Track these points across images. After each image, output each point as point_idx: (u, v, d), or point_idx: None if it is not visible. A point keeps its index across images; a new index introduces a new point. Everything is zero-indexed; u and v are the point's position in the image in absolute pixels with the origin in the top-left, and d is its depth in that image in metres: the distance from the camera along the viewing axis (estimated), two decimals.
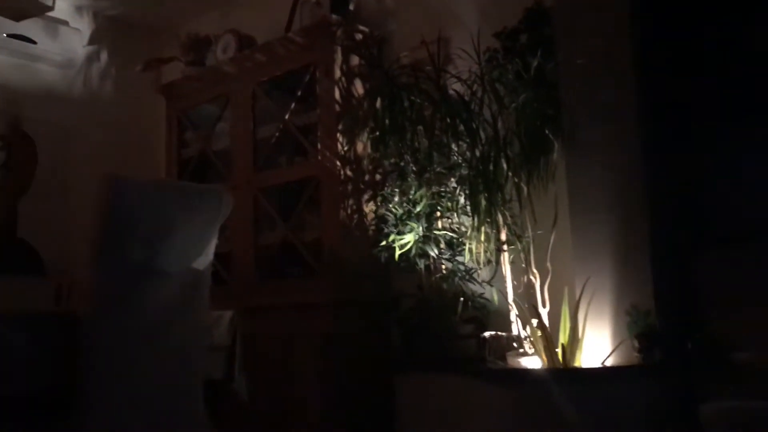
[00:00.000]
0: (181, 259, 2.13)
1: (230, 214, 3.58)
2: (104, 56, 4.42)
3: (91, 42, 4.36)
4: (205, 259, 2.23)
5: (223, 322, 2.43)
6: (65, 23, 4.15)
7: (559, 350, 2.45)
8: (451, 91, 2.81)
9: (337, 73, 3.28)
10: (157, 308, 2.06)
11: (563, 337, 2.47)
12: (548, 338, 2.47)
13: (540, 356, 2.50)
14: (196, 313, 2.19)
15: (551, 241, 2.69)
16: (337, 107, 3.26)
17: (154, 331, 2.06)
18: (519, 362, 2.58)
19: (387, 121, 2.81)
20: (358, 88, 3.35)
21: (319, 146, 3.31)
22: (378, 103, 3.01)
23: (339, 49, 3.31)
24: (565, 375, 2.36)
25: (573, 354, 2.44)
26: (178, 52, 4.10)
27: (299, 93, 3.46)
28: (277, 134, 3.54)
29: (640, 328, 2.39)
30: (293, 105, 3.48)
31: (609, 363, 2.44)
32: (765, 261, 2.42)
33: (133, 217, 1.92)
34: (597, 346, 2.52)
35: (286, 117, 3.49)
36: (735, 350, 2.31)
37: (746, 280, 2.42)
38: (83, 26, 4.30)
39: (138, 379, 1.97)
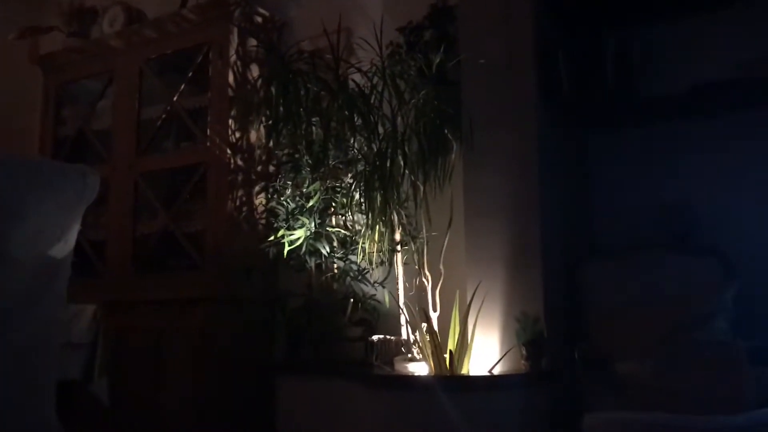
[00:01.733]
0: (35, 244, 1.88)
1: (107, 200, 3.36)
2: None
3: None
4: (64, 247, 1.99)
5: (83, 317, 2.20)
6: None
7: (447, 356, 2.38)
8: (350, 83, 2.69)
9: (232, 56, 3.09)
10: (2, 298, 1.81)
11: (452, 343, 2.40)
12: (437, 344, 2.39)
13: (428, 362, 2.42)
14: (50, 305, 1.94)
15: (445, 243, 2.62)
16: (230, 92, 3.07)
17: None
18: (406, 368, 2.49)
19: (281, 109, 2.64)
20: (254, 73, 3.17)
21: (208, 132, 3.11)
22: (273, 90, 2.84)
23: (236, 30, 3.12)
24: (451, 382, 2.28)
25: (461, 360, 2.38)
26: (59, 22, 3.76)
27: (190, 74, 3.24)
28: (163, 116, 3.31)
29: (528, 336, 2.36)
30: (183, 86, 3.26)
31: (497, 370, 2.39)
32: (646, 274, 2.45)
33: None
34: (486, 352, 2.47)
35: (175, 99, 3.27)
36: (618, 361, 2.31)
37: (628, 293, 2.44)
38: None
39: None
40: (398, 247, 2.73)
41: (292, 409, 2.67)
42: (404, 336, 2.67)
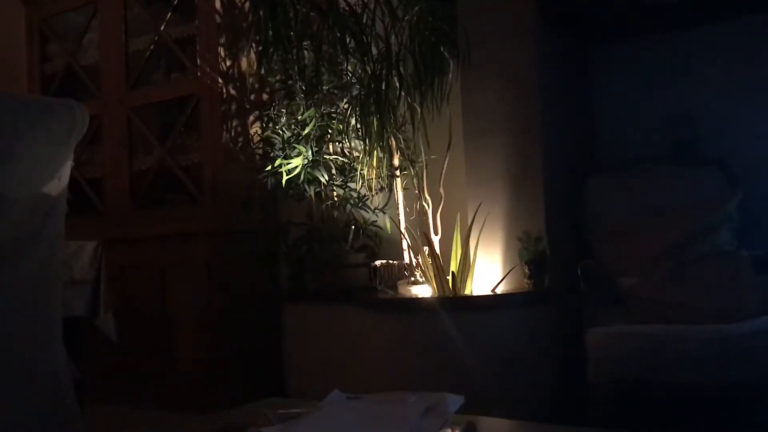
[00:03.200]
0: (27, 183, 1.85)
1: (101, 136, 3.31)
2: None
3: None
4: (58, 184, 1.95)
5: (84, 254, 2.18)
6: None
7: (449, 278, 2.38)
8: (341, 2, 2.58)
9: None
10: None
11: (454, 265, 2.40)
12: (439, 266, 2.39)
13: (430, 284, 2.42)
14: (48, 243, 1.92)
15: (444, 166, 2.58)
16: (218, 18, 2.97)
17: None
18: (410, 291, 2.50)
19: (270, 33, 2.55)
20: None
21: (198, 61, 3.01)
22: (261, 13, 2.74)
23: None
24: (454, 303, 2.30)
25: (464, 282, 2.38)
26: None
27: (175, 2, 3.12)
28: (151, 47, 3.22)
29: (531, 255, 2.36)
30: (169, 15, 3.14)
31: (499, 290, 2.40)
32: (649, 187, 2.42)
33: None
34: (488, 273, 2.48)
35: (162, 28, 3.16)
36: (621, 276, 2.31)
37: (631, 208, 2.41)
38: None
39: None
40: (397, 172, 2.70)
41: (299, 336, 2.70)
42: (406, 260, 2.67)
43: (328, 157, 2.78)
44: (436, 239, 2.55)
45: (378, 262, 2.66)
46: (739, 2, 2.36)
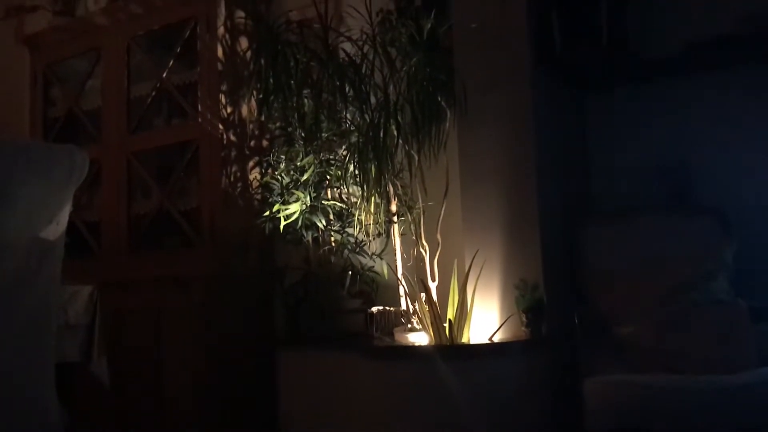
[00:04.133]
0: (25, 227, 1.86)
1: (100, 180, 3.33)
2: None
3: None
4: (56, 229, 1.97)
5: (80, 298, 2.18)
6: None
7: (446, 325, 2.37)
8: (340, 52, 2.64)
9: (220, 29, 3.03)
10: None
11: (451, 312, 2.39)
12: (436, 313, 2.38)
13: (427, 332, 2.41)
14: (44, 288, 1.92)
15: (442, 212, 2.60)
16: (220, 66, 3.02)
17: None
18: (406, 338, 2.49)
19: (271, 81, 2.60)
20: (243, 46, 3.11)
21: (199, 107, 3.05)
22: (262, 62, 2.79)
23: (223, 3, 3.05)
24: (451, 351, 2.28)
25: (461, 329, 2.37)
26: (44, 1, 3.69)
27: (178, 49, 3.18)
28: (153, 93, 3.25)
29: (528, 303, 2.35)
30: (171, 62, 3.20)
31: (497, 338, 2.39)
32: (645, 236, 2.43)
33: None
34: (485, 320, 2.47)
35: (164, 75, 3.21)
36: (618, 324, 2.31)
37: (628, 256, 2.42)
38: None
39: None
40: (395, 218, 2.71)
41: (294, 383, 2.67)
42: (403, 307, 2.67)
43: (326, 202, 2.80)
44: (433, 286, 2.55)
45: (375, 309, 2.66)
46: (734, 54, 2.41)
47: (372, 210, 2.62)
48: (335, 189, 2.85)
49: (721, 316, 2.19)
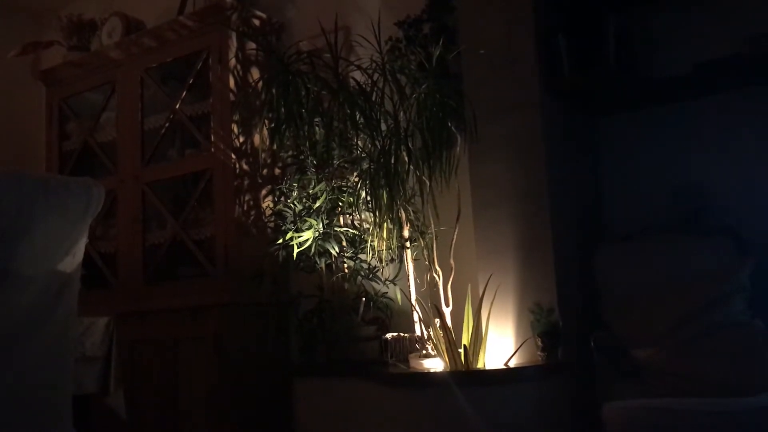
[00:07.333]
0: (42, 260, 1.88)
1: (116, 211, 3.36)
2: None
3: None
4: (72, 261, 1.99)
5: (96, 329, 2.20)
6: None
7: (461, 351, 2.36)
8: (350, 81, 2.67)
9: (232, 60, 3.08)
10: (13, 316, 1.81)
11: (466, 338, 2.38)
12: (451, 339, 2.37)
13: (442, 358, 2.40)
14: (61, 320, 1.94)
15: (454, 237, 2.60)
16: (232, 96, 3.06)
17: (8, 341, 1.80)
18: (421, 364, 2.47)
19: (283, 110, 2.63)
20: (255, 76, 3.16)
21: (212, 137, 3.10)
22: (274, 92, 2.83)
23: (234, 35, 3.11)
24: (466, 377, 2.27)
25: (476, 354, 2.36)
26: (59, 36, 3.77)
27: (191, 81, 3.24)
28: (167, 125, 3.31)
29: (543, 327, 2.34)
30: (184, 94, 3.25)
31: (512, 363, 2.37)
32: (660, 258, 2.42)
33: None
34: (500, 345, 2.45)
35: (177, 106, 3.26)
36: (634, 347, 2.29)
37: (643, 278, 2.40)
38: None
39: None
40: (407, 244, 2.71)
41: (309, 411, 2.66)
42: (418, 333, 2.65)
43: (338, 229, 2.81)
44: (447, 311, 2.54)
45: (389, 335, 2.65)
46: (747, 74, 2.41)
47: (384, 236, 2.62)
48: (347, 215, 2.86)
49: (738, 338, 2.16)
